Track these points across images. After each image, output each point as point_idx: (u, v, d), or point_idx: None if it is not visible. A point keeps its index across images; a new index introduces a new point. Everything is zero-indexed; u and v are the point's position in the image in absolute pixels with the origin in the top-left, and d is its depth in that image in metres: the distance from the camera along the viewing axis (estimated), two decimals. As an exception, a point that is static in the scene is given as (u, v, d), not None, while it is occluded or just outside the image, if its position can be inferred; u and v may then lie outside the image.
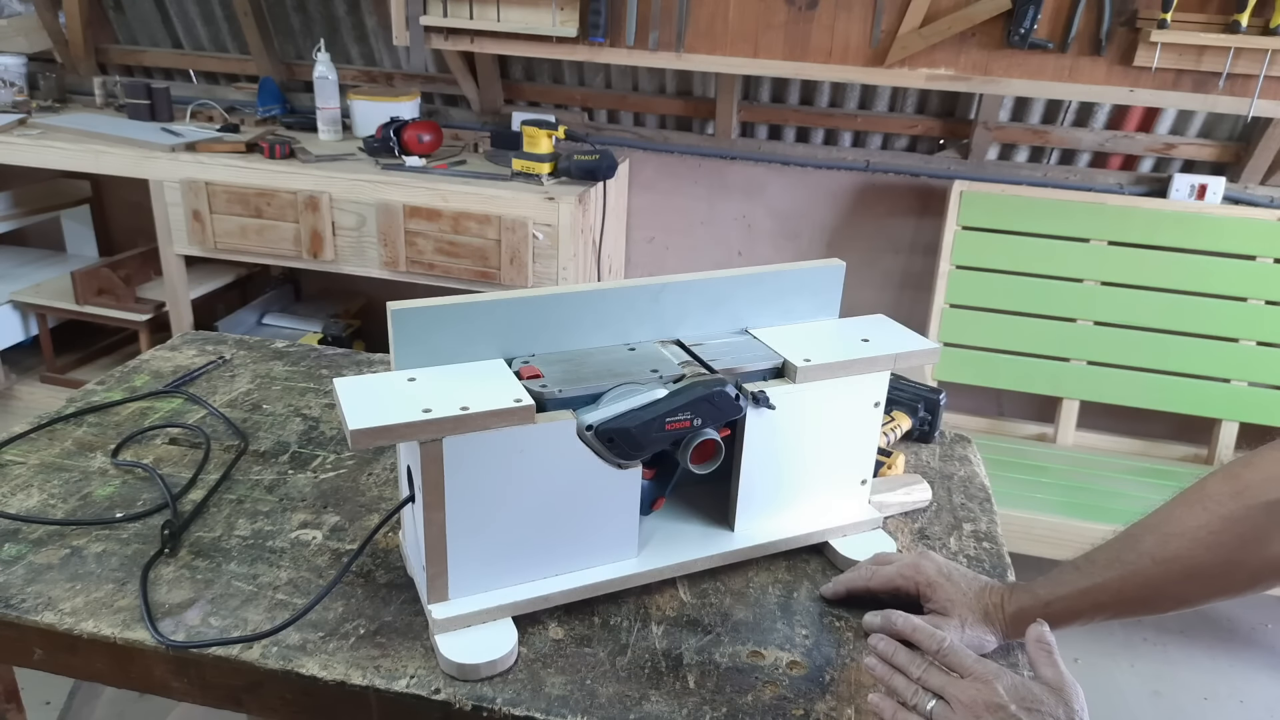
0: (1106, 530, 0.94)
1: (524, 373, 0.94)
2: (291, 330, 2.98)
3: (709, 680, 0.90)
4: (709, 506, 1.09)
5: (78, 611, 0.94)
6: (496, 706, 0.85)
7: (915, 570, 0.97)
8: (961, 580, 0.96)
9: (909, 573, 0.97)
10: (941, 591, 0.95)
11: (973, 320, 2.60)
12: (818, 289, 1.11)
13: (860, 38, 2.27)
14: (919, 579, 0.96)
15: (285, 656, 0.89)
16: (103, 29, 3.12)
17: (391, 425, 0.83)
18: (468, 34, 2.45)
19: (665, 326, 1.05)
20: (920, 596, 0.97)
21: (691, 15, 2.33)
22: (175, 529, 1.05)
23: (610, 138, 2.84)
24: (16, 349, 2.94)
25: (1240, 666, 2.37)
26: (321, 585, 1.00)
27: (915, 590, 0.97)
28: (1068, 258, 2.54)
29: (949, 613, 0.94)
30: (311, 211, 2.49)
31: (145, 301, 2.81)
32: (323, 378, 1.49)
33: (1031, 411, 2.79)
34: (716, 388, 0.93)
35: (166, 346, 1.57)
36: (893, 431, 1.35)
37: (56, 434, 1.27)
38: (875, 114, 2.67)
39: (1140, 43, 2.13)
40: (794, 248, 2.87)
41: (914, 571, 0.97)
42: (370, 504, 1.16)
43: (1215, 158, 2.51)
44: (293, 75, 3.07)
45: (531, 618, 0.96)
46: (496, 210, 2.38)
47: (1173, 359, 2.52)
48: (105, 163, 2.61)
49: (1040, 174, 2.63)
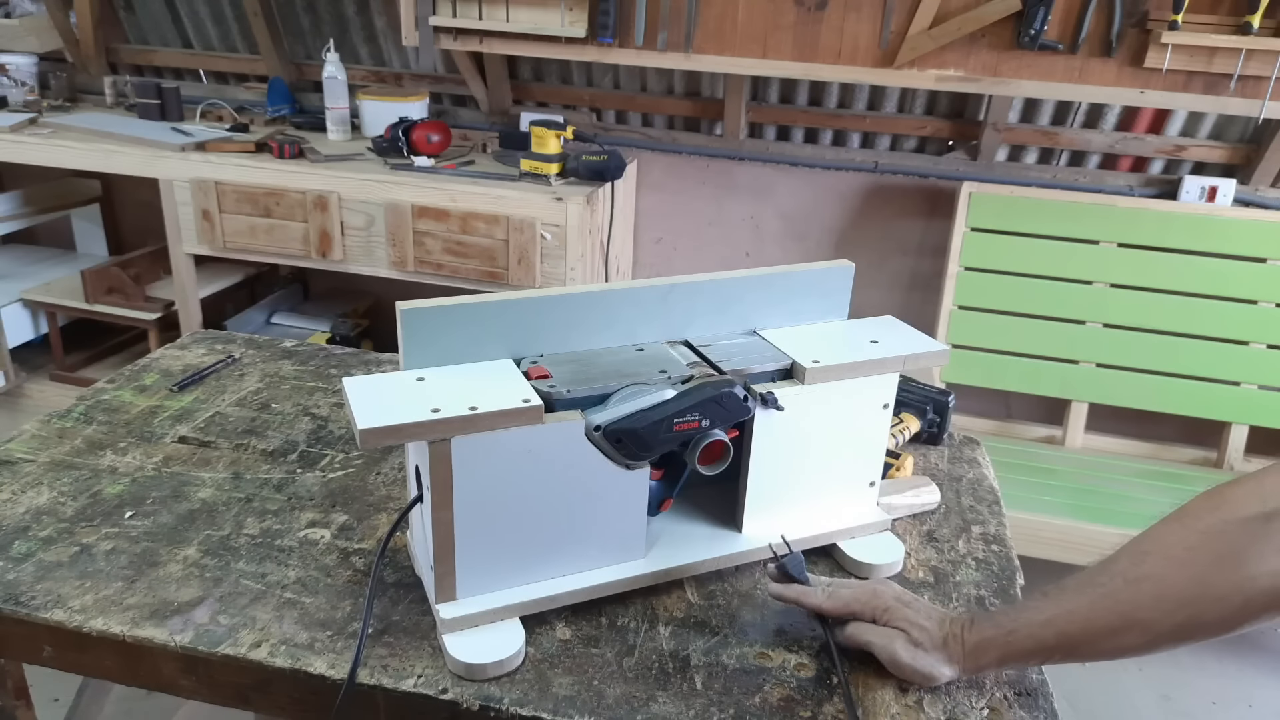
0: (1115, 533, 0.92)
1: (532, 373, 0.94)
2: (300, 329, 2.99)
3: (716, 681, 0.90)
4: (717, 508, 1.09)
5: (87, 609, 0.94)
6: (504, 706, 0.85)
7: (872, 596, 0.93)
8: (921, 607, 0.92)
9: (865, 597, 0.93)
10: (898, 615, 0.90)
11: (981, 322, 2.59)
12: (826, 290, 1.10)
13: (869, 38, 2.27)
14: (876, 604, 0.92)
15: (293, 655, 0.90)
16: (113, 29, 3.13)
17: (400, 425, 0.83)
18: (476, 34, 2.45)
19: (673, 327, 1.05)
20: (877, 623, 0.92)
21: (700, 16, 2.33)
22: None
23: (618, 138, 2.84)
24: (27, 347, 2.96)
25: (1249, 671, 2.36)
26: (330, 584, 1.00)
27: (870, 616, 0.92)
28: (1077, 260, 2.53)
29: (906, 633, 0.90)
30: (320, 211, 2.49)
31: (155, 300, 2.82)
32: (331, 377, 1.49)
33: (1040, 414, 2.78)
34: (725, 389, 0.93)
35: (176, 345, 1.58)
36: (901, 433, 1.35)
37: (67, 432, 1.28)
38: (884, 115, 2.66)
39: (1151, 44, 2.12)
40: (802, 249, 2.86)
41: (870, 597, 0.93)
42: (379, 503, 1.16)
43: (1226, 160, 2.50)
44: (302, 75, 3.08)
45: (539, 618, 0.96)
46: (504, 210, 2.38)
47: (1182, 361, 2.50)
48: (115, 162, 2.62)
49: (1050, 175, 2.62)
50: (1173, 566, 0.79)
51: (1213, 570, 0.77)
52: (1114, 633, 0.81)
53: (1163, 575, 0.80)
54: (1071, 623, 0.83)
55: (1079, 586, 0.85)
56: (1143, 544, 0.83)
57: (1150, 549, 0.82)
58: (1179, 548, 0.80)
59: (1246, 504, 0.78)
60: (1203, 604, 0.78)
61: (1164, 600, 0.79)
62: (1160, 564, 0.80)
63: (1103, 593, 0.83)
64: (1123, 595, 0.81)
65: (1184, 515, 0.82)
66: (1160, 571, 0.80)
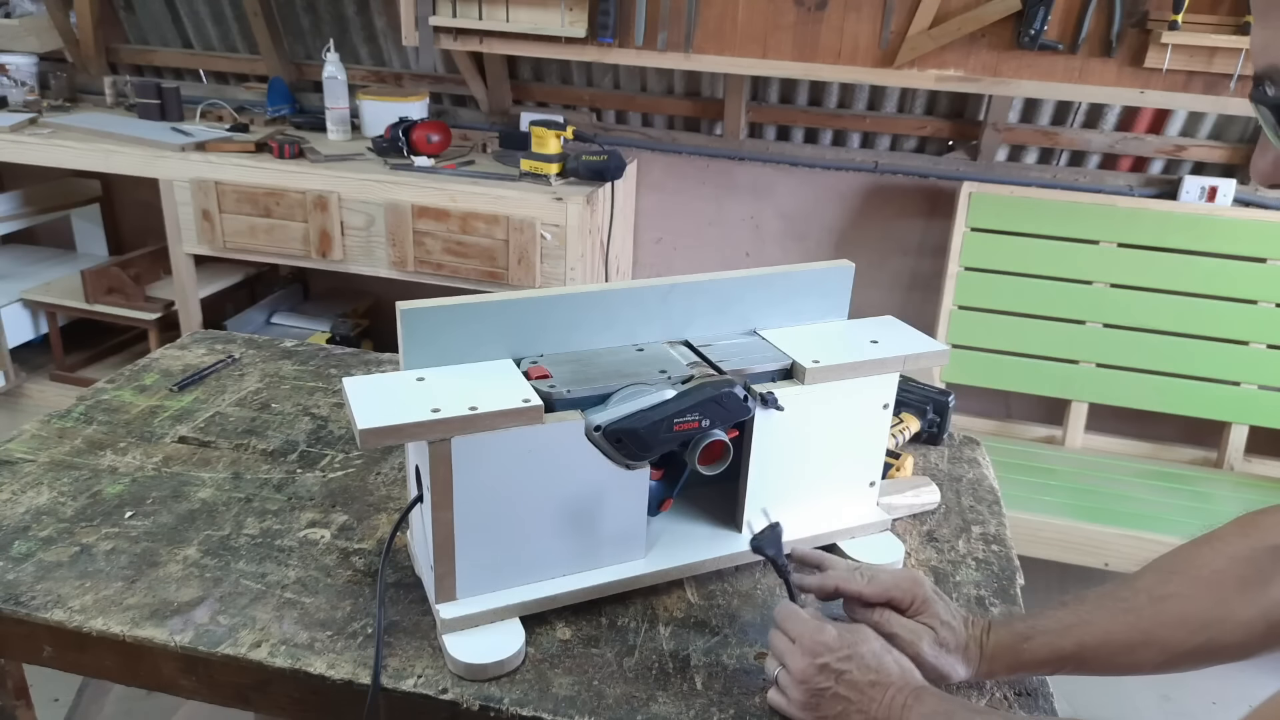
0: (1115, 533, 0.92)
1: (532, 373, 0.94)
2: (300, 329, 2.99)
3: (716, 682, 0.90)
4: (717, 508, 1.09)
5: (87, 609, 0.94)
6: (504, 706, 0.85)
7: (914, 584, 0.91)
8: (951, 606, 0.92)
9: (906, 585, 0.91)
10: (934, 610, 0.90)
11: (981, 322, 2.59)
12: (826, 290, 1.10)
13: (869, 38, 2.27)
14: (917, 593, 0.90)
15: (293, 655, 0.90)
16: (113, 29, 3.13)
17: (400, 425, 0.83)
18: (476, 34, 2.45)
19: (673, 327, 1.05)
20: (912, 612, 0.91)
21: (700, 16, 2.33)
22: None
23: (618, 138, 2.84)
24: (27, 347, 2.96)
25: (1249, 671, 2.33)
26: (330, 584, 1.00)
27: (909, 603, 0.91)
28: (1077, 260, 2.53)
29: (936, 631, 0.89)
30: (320, 211, 2.49)
31: (155, 300, 2.82)
32: (331, 377, 1.49)
33: (1040, 414, 2.78)
34: (725, 389, 0.93)
35: (176, 345, 1.58)
36: (901, 433, 1.35)
37: (67, 432, 1.28)
38: (884, 115, 2.66)
39: (1151, 44, 2.12)
40: (802, 249, 2.86)
41: (912, 584, 0.91)
42: (379, 503, 1.16)
43: (1226, 160, 2.50)
44: (302, 75, 3.08)
45: (539, 618, 0.96)
46: (504, 210, 2.38)
47: (1182, 361, 2.50)
48: (115, 162, 2.62)
49: (1049, 175, 2.62)
50: (1198, 587, 0.79)
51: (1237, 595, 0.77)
52: (1132, 648, 0.81)
53: (1187, 595, 0.80)
54: (1090, 634, 0.83)
55: (1100, 599, 0.85)
56: (1169, 563, 0.83)
57: (1177, 569, 0.82)
58: (1206, 569, 0.80)
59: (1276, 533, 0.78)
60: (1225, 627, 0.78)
61: (1187, 620, 0.79)
62: (1186, 584, 0.80)
63: (1124, 607, 0.82)
64: (1145, 612, 0.81)
65: (1213, 539, 0.82)
66: (1185, 591, 0.80)
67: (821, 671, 0.81)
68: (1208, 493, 2.40)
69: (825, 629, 0.83)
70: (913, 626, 0.89)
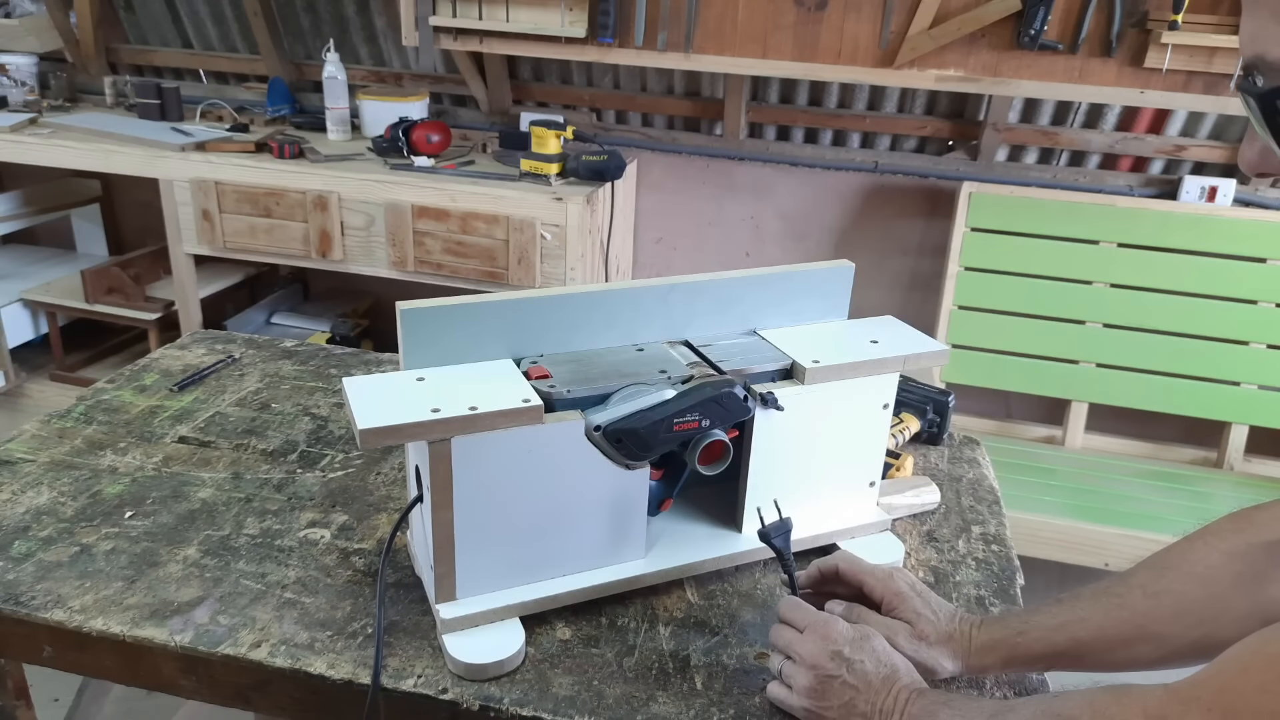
0: (1115, 533, 0.92)
1: (532, 373, 0.94)
2: (300, 329, 2.99)
3: (716, 682, 0.90)
4: (717, 508, 1.09)
5: (87, 609, 0.94)
6: (504, 706, 0.85)
7: (888, 577, 0.92)
8: (932, 601, 0.92)
9: (880, 576, 0.92)
10: (908, 604, 0.90)
11: (981, 322, 2.59)
12: (826, 290, 1.10)
13: (869, 38, 2.27)
14: (890, 586, 0.91)
15: (293, 655, 0.90)
16: (113, 29, 3.13)
17: (400, 425, 0.83)
18: (476, 34, 2.45)
19: (673, 327, 1.05)
20: (884, 606, 0.92)
21: (700, 16, 2.33)
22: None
23: (618, 138, 2.84)
24: (27, 347, 2.96)
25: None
26: (330, 584, 1.00)
27: (880, 596, 0.92)
28: (1077, 260, 2.53)
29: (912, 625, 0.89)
30: (320, 211, 2.49)
31: (155, 300, 2.82)
32: (331, 377, 1.49)
33: (1040, 414, 2.78)
34: (725, 389, 0.93)
35: (176, 345, 1.58)
36: (901, 433, 1.35)
37: (67, 432, 1.28)
38: (884, 115, 2.66)
39: (1151, 44, 2.12)
40: (802, 249, 2.86)
41: (886, 578, 0.92)
42: (379, 503, 1.16)
43: (1226, 160, 2.49)
44: (302, 75, 3.08)
45: (539, 618, 0.96)
46: (504, 210, 2.38)
47: (1182, 361, 2.50)
48: (115, 162, 2.62)
49: (1049, 175, 2.62)
50: (1193, 583, 0.79)
51: (1233, 590, 0.77)
52: (1128, 643, 0.81)
53: (1182, 591, 0.80)
54: (1085, 629, 0.83)
55: (1095, 595, 0.85)
56: (1164, 559, 0.83)
57: (1171, 564, 0.82)
58: (1200, 565, 0.80)
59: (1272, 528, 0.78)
60: (1220, 623, 0.77)
61: (1182, 616, 0.79)
62: (1181, 580, 0.80)
63: (1119, 603, 0.83)
64: (1140, 607, 0.81)
65: (1208, 534, 0.82)
66: (1180, 587, 0.80)
67: (834, 659, 0.82)
68: (1208, 493, 2.40)
69: (837, 620, 0.85)
70: (888, 622, 0.89)
